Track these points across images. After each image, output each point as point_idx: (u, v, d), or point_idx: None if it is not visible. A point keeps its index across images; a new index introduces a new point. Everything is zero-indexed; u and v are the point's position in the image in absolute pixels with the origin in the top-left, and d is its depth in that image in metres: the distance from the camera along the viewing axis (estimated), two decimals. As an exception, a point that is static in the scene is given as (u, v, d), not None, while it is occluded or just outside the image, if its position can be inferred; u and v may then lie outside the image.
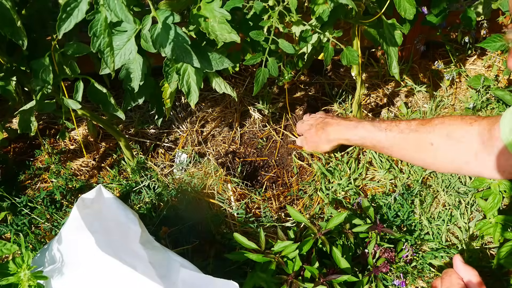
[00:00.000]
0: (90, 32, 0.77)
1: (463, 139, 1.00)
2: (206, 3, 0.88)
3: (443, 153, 1.04)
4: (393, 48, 1.10)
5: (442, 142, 1.03)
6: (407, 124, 1.11)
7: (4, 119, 1.17)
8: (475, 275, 0.87)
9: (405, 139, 1.10)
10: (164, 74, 0.95)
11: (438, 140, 1.04)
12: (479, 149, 0.97)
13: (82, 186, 1.27)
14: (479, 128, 0.97)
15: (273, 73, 1.03)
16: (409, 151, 1.11)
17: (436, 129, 1.05)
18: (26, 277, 0.77)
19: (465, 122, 1.01)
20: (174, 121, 1.41)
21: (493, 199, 1.14)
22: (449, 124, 1.03)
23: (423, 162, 1.11)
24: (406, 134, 1.10)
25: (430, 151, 1.06)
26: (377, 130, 1.15)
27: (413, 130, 1.09)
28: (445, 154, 1.03)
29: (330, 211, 1.21)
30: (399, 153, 1.15)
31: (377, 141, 1.15)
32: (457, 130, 1.02)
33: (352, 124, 1.21)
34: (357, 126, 1.20)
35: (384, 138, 1.14)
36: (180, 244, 1.16)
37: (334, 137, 1.25)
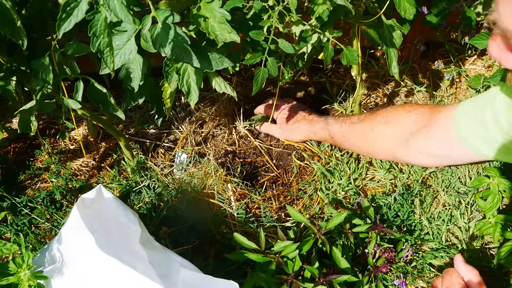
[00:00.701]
0: (90, 32, 0.77)
1: (398, 124, 1.06)
2: (206, 3, 0.88)
3: (380, 137, 1.10)
4: (393, 49, 1.10)
5: (380, 127, 1.10)
6: (358, 116, 1.19)
7: (4, 119, 1.17)
8: (475, 274, 0.88)
9: (353, 129, 1.17)
10: (164, 74, 0.95)
11: (377, 126, 1.10)
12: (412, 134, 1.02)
13: (82, 186, 1.27)
14: (417, 115, 1.03)
15: (272, 73, 1.03)
16: (355, 140, 1.18)
17: (378, 117, 1.11)
18: (26, 277, 0.77)
19: (404, 109, 1.08)
20: (174, 121, 1.41)
21: (492, 199, 1.14)
22: (389, 111, 1.10)
23: (366, 149, 1.18)
24: (355, 123, 1.17)
25: (370, 137, 1.12)
26: (335, 123, 1.22)
27: (361, 120, 1.16)
28: (381, 138, 1.10)
29: (330, 211, 1.21)
30: (349, 143, 1.21)
31: (334, 133, 1.22)
32: (395, 115, 1.08)
33: (320, 120, 1.28)
34: (324, 121, 1.26)
35: (338, 130, 1.21)
36: (180, 244, 1.16)
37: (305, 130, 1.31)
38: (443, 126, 0.96)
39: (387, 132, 1.08)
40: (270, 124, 1.37)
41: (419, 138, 1.01)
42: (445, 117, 0.97)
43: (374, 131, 1.11)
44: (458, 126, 0.93)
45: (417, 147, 1.03)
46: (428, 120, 1.00)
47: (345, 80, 1.51)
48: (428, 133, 0.99)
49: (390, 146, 1.09)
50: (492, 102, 0.87)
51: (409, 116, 1.05)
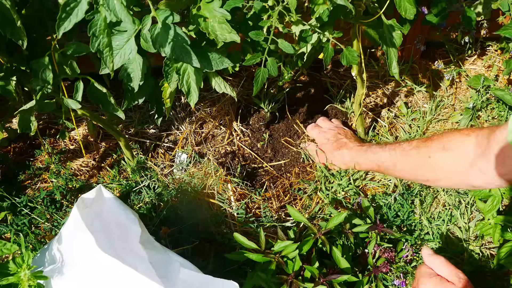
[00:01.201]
0: (89, 32, 0.77)
1: (459, 149, 1.00)
2: (206, 3, 0.88)
3: (440, 165, 1.04)
4: (393, 48, 1.10)
5: (439, 154, 1.04)
6: (409, 142, 1.13)
7: (4, 119, 1.17)
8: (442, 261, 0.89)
9: (406, 155, 1.12)
10: (164, 74, 0.95)
11: (435, 152, 1.05)
12: (475, 158, 0.96)
13: (82, 186, 1.27)
14: (477, 139, 0.97)
15: (272, 73, 1.03)
16: (410, 167, 1.12)
17: (434, 143, 1.06)
18: (26, 277, 0.77)
19: (462, 134, 1.02)
20: (174, 121, 1.41)
21: (492, 201, 1.14)
22: (446, 137, 1.04)
23: (424, 177, 1.12)
24: (407, 151, 1.12)
25: (428, 165, 1.06)
26: (382, 151, 1.18)
27: (414, 147, 1.11)
28: (442, 165, 1.04)
29: (330, 211, 1.21)
30: (402, 171, 1.16)
31: (382, 161, 1.18)
32: (453, 141, 1.02)
33: (363, 149, 1.24)
34: (367, 150, 1.23)
35: (388, 158, 1.16)
36: (180, 244, 1.16)
37: (348, 160, 1.27)
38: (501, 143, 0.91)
39: (447, 160, 1.02)
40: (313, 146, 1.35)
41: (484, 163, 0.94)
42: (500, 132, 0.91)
43: (431, 159, 1.05)
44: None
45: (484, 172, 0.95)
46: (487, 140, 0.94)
47: (345, 80, 1.51)
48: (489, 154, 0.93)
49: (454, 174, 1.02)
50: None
51: (468, 141, 0.99)
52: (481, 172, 0.95)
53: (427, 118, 1.43)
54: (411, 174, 1.15)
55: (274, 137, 1.42)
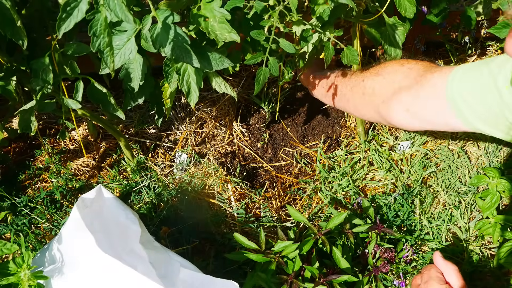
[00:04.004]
0: (90, 32, 0.77)
1: (388, 76, 1.00)
2: (206, 2, 0.88)
3: (368, 89, 1.04)
4: (396, 48, 1.10)
5: (371, 78, 1.04)
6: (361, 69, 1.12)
7: (4, 119, 1.17)
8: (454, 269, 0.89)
9: (349, 78, 1.12)
10: (164, 74, 0.95)
11: (369, 76, 1.05)
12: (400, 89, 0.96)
13: (82, 186, 1.27)
14: (410, 70, 0.96)
15: (273, 72, 1.02)
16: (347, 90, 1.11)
17: (372, 68, 1.06)
18: (26, 277, 0.77)
19: (397, 63, 1.02)
20: (174, 121, 1.41)
21: (491, 199, 1.14)
22: (383, 64, 1.05)
23: (353, 101, 1.10)
24: (351, 75, 1.11)
25: (360, 88, 1.06)
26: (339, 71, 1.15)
27: (357, 72, 1.10)
28: (369, 90, 1.03)
29: (330, 211, 1.21)
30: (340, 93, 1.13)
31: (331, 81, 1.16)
32: (386, 67, 1.02)
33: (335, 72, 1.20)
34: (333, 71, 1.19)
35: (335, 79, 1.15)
36: (180, 244, 1.16)
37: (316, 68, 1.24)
38: (435, 89, 0.90)
39: (375, 85, 1.02)
40: None
41: (407, 95, 0.94)
42: (439, 79, 0.90)
43: (364, 82, 1.05)
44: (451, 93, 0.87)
45: (403, 104, 0.95)
46: (420, 77, 0.94)
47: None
48: (418, 91, 0.92)
49: (376, 101, 1.01)
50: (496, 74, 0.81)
51: (400, 69, 0.98)
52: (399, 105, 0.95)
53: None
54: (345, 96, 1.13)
55: (274, 137, 1.42)
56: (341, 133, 1.42)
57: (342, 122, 1.44)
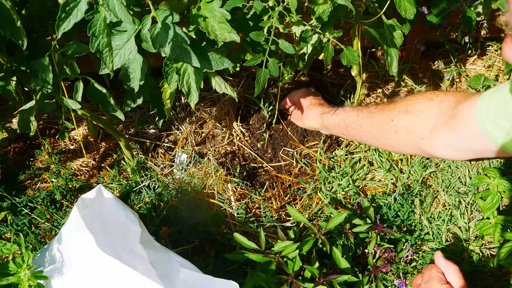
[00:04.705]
0: (89, 32, 0.77)
1: (420, 113, 0.98)
2: (206, 3, 0.88)
3: (401, 129, 1.02)
4: (394, 48, 1.10)
5: (401, 117, 1.02)
6: (377, 104, 1.11)
7: (4, 119, 1.17)
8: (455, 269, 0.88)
9: (371, 118, 1.09)
10: (164, 74, 0.95)
11: (398, 115, 1.03)
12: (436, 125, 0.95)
13: (82, 186, 1.27)
14: (441, 104, 0.95)
15: (273, 73, 1.03)
16: (374, 130, 1.10)
17: (397, 105, 1.04)
18: (26, 277, 0.77)
19: (425, 97, 0.99)
20: (174, 121, 1.41)
21: (491, 199, 1.14)
22: (410, 100, 1.02)
23: (384, 141, 1.09)
24: (373, 113, 1.09)
25: (390, 128, 1.04)
26: (352, 111, 1.15)
27: (379, 110, 1.08)
28: (403, 129, 1.02)
29: (330, 211, 1.21)
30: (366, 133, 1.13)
31: (350, 121, 1.15)
32: (416, 104, 1.00)
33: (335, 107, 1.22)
34: (339, 108, 1.20)
35: (355, 119, 1.13)
36: (180, 244, 1.16)
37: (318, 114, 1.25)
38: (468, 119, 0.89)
39: (408, 123, 1.00)
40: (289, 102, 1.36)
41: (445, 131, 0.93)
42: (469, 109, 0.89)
43: (394, 122, 1.03)
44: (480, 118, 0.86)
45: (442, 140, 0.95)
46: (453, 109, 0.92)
47: (346, 80, 1.51)
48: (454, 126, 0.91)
49: (413, 139, 1.00)
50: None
51: (431, 105, 0.97)
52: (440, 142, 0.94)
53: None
54: (374, 136, 1.11)
55: (274, 137, 1.42)
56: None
57: (342, 122, 1.44)
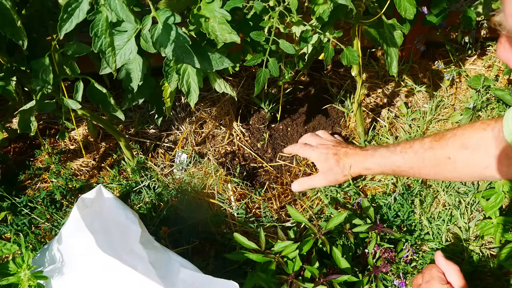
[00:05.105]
0: (92, 32, 0.77)
1: (479, 146, 1.00)
2: (206, 3, 0.88)
3: (462, 164, 1.04)
4: (394, 48, 1.10)
5: (459, 153, 1.04)
6: (421, 143, 1.10)
7: (4, 119, 1.17)
8: (455, 269, 0.89)
9: (422, 158, 1.10)
10: (164, 74, 0.95)
11: (454, 152, 1.04)
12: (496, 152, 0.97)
13: (82, 186, 1.27)
14: (493, 131, 0.97)
15: (274, 73, 1.03)
16: (429, 169, 1.11)
17: (450, 143, 1.05)
18: (26, 277, 0.77)
19: (478, 128, 1.01)
20: (174, 121, 1.41)
21: (495, 198, 1.14)
22: (461, 135, 1.04)
23: (445, 176, 1.12)
24: (422, 153, 1.09)
25: (449, 165, 1.06)
26: (394, 155, 1.14)
27: (428, 149, 1.09)
28: (464, 164, 1.04)
29: (330, 211, 1.21)
30: (419, 173, 1.14)
31: (396, 166, 1.15)
32: (470, 138, 1.02)
33: (369, 154, 1.19)
34: (374, 154, 1.18)
35: (402, 162, 1.13)
36: (180, 244, 1.16)
37: (354, 169, 1.21)
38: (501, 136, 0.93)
39: (469, 157, 1.02)
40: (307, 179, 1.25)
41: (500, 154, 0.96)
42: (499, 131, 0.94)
43: (452, 159, 1.05)
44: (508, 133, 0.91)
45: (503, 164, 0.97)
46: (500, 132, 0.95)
47: (346, 80, 1.51)
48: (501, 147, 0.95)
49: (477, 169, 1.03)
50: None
51: (486, 135, 0.99)
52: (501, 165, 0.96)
53: (427, 118, 1.43)
54: (430, 174, 1.13)
55: (274, 137, 1.42)
56: (341, 133, 1.42)
57: (342, 122, 1.44)
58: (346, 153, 1.22)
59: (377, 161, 1.17)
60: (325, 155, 1.22)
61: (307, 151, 1.26)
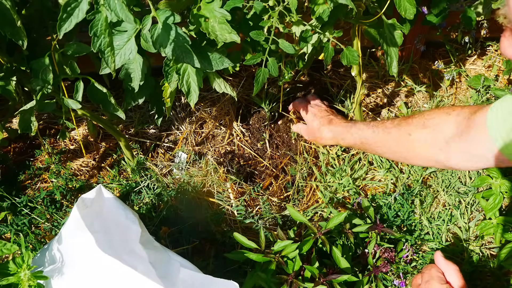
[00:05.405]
0: (91, 32, 0.77)
1: (437, 127, 1.01)
2: (206, 3, 0.88)
3: (418, 142, 1.05)
4: (394, 48, 1.10)
5: (418, 131, 1.05)
6: (392, 120, 1.13)
7: (4, 119, 1.17)
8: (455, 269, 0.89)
9: (388, 133, 1.12)
10: (164, 74, 0.95)
11: (415, 130, 1.06)
12: (453, 137, 0.98)
13: (82, 186, 1.27)
14: (457, 118, 0.98)
15: (273, 73, 1.03)
16: (391, 145, 1.12)
17: (415, 121, 1.07)
18: (26, 277, 0.77)
19: (443, 112, 1.02)
20: (174, 121, 1.41)
21: (494, 200, 1.14)
22: (427, 115, 1.05)
23: (401, 154, 1.12)
24: (389, 129, 1.12)
25: (407, 142, 1.07)
26: (367, 128, 1.17)
27: (396, 125, 1.11)
28: (420, 143, 1.05)
29: (330, 210, 1.21)
30: (383, 147, 1.16)
31: (365, 138, 1.17)
32: (433, 118, 1.03)
33: (348, 125, 1.23)
34: (352, 126, 1.22)
35: (371, 135, 1.15)
36: (180, 244, 1.16)
37: (333, 135, 1.26)
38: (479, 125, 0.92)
39: (426, 137, 1.04)
40: (301, 125, 1.36)
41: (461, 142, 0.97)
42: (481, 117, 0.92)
43: (412, 136, 1.06)
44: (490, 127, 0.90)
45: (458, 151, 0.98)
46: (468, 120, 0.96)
47: (346, 80, 1.51)
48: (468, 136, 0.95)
49: (431, 150, 1.04)
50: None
51: (448, 119, 1.00)
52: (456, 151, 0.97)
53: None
54: (391, 151, 1.14)
55: (274, 137, 1.42)
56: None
57: (342, 122, 1.44)
58: (330, 121, 1.27)
59: (352, 131, 1.21)
60: (314, 115, 1.31)
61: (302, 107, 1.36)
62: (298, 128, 1.37)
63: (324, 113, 1.31)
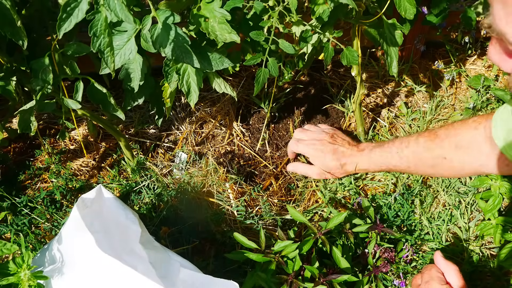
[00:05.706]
0: (90, 32, 0.77)
1: (471, 145, 1.03)
2: (206, 3, 0.88)
3: (457, 163, 1.08)
4: (394, 48, 1.10)
5: (453, 153, 1.07)
6: (416, 143, 1.13)
7: (4, 119, 1.17)
8: (455, 269, 0.89)
9: (419, 159, 1.14)
10: (164, 74, 0.95)
11: (450, 153, 1.08)
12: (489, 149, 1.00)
13: (82, 186, 1.27)
14: (485, 131, 1.00)
15: (273, 73, 1.03)
16: (426, 168, 1.15)
17: (445, 144, 1.08)
18: (26, 277, 0.77)
19: (469, 128, 1.04)
20: (174, 121, 1.41)
21: (493, 201, 1.14)
22: (454, 135, 1.07)
23: (441, 174, 1.18)
24: (419, 153, 1.13)
25: (445, 164, 1.09)
26: (390, 154, 1.17)
27: (425, 149, 1.12)
28: (459, 163, 1.07)
29: (330, 210, 1.21)
30: (416, 171, 1.19)
31: (393, 165, 1.19)
32: (463, 138, 1.05)
33: (365, 154, 1.21)
34: (370, 155, 1.20)
35: (399, 162, 1.16)
36: (180, 244, 1.16)
37: (351, 168, 1.24)
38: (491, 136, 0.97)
39: (464, 158, 1.06)
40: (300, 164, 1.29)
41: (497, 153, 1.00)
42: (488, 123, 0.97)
43: (448, 159, 1.08)
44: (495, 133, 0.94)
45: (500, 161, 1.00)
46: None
47: (346, 80, 1.51)
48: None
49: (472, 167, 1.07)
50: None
51: (478, 135, 1.02)
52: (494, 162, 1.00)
53: (427, 118, 1.43)
54: (427, 173, 1.19)
55: (274, 137, 1.42)
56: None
57: (342, 122, 1.44)
58: (344, 153, 1.24)
59: (374, 161, 1.21)
60: (321, 152, 1.24)
61: (301, 148, 1.27)
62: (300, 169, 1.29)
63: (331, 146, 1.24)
